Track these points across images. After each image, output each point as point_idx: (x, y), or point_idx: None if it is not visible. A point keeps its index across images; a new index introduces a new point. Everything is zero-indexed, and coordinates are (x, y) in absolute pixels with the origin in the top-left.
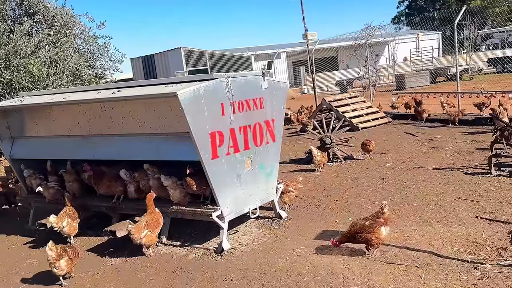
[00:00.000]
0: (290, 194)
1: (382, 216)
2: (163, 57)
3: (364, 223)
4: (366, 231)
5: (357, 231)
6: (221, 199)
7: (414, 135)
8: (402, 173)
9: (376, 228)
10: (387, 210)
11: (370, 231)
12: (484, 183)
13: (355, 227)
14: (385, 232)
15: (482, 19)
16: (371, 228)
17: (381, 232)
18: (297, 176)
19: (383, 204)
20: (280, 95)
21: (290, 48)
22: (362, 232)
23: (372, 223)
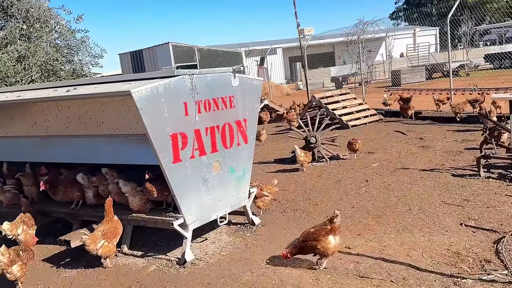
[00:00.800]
0: (264, 198)
1: (330, 224)
2: (152, 52)
3: (309, 230)
4: (311, 238)
5: (303, 239)
6: (184, 206)
7: (404, 133)
8: (388, 174)
9: (322, 236)
10: (338, 220)
11: (315, 238)
12: (471, 186)
13: (303, 235)
14: (334, 242)
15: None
16: (316, 235)
17: (328, 240)
18: (272, 179)
19: (335, 214)
20: (253, 93)
21: (287, 44)
22: (308, 240)
23: (317, 230)
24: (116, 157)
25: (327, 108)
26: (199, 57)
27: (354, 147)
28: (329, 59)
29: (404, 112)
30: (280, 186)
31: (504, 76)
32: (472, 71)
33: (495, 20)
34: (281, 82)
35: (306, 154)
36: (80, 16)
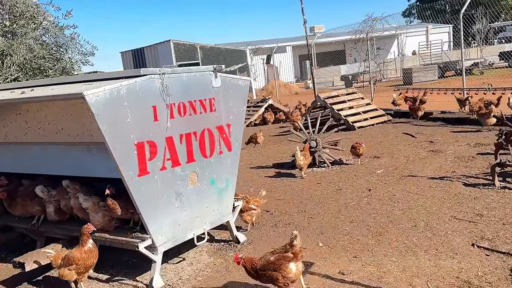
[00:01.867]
0: (251, 212)
1: (291, 249)
2: (153, 50)
3: (269, 258)
4: (271, 268)
5: (261, 267)
6: (153, 225)
7: (414, 136)
8: (393, 182)
9: (283, 265)
10: (297, 242)
11: (276, 268)
12: (485, 197)
13: (260, 263)
14: (295, 269)
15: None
16: (277, 264)
17: (289, 269)
18: (259, 190)
19: (293, 235)
20: (238, 95)
21: (296, 41)
22: (266, 270)
23: (278, 259)
24: (77, 168)
25: (332, 109)
26: (201, 55)
27: (358, 151)
28: (339, 57)
29: (414, 113)
30: (275, 194)
31: None
32: (486, 69)
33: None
34: (290, 80)
35: (306, 157)
36: (69, 12)
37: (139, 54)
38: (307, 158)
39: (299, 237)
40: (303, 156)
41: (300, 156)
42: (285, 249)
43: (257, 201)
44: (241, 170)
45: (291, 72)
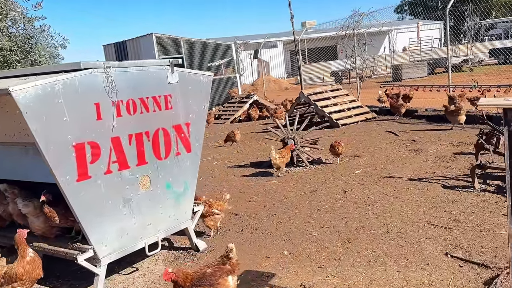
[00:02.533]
0: (214, 217)
1: (228, 261)
2: (135, 43)
3: (205, 271)
4: (207, 282)
5: (195, 283)
6: (95, 234)
7: (396, 134)
8: (370, 184)
9: (221, 278)
10: (233, 255)
11: (213, 281)
12: (464, 201)
13: (194, 276)
14: (233, 283)
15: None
16: (215, 277)
17: (228, 283)
18: (223, 194)
19: (229, 248)
20: (199, 91)
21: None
22: (202, 285)
23: (215, 271)
24: (15, 171)
25: (316, 105)
26: (185, 49)
27: (337, 150)
28: (331, 53)
29: (396, 111)
30: (247, 196)
31: (509, 72)
32: (475, 66)
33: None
34: (281, 76)
35: (283, 155)
36: (39, 3)
37: (121, 47)
38: (284, 156)
39: (234, 250)
40: (278, 155)
41: (275, 155)
42: (222, 261)
43: (221, 205)
44: (218, 169)
45: (282, 67)
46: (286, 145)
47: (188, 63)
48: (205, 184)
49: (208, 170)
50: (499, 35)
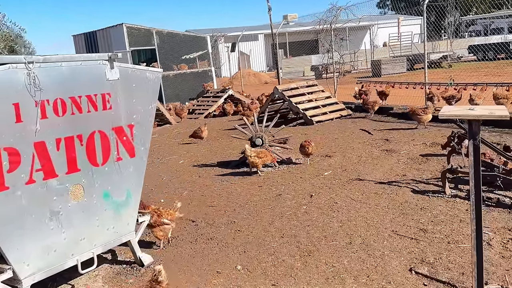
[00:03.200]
0: (164, 227)
1: (157, 286)
2: (106, 34)
3: None
4: None
5: None
6: (15, 252)
7: (370, 133)
8: (338, 187)
9: None
10: (163, 278)
11: None
12: (433, 208)
13: None
14: None
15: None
16: None
17: None
18: (174, 202)
19: (157, 271)
20: (146, 90)
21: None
22: None
23: None
24: None
25: (290, 102)
26: (158, 41)
27: (307, 150)
28: (312, 47)
29: (368, 108)
30: (209, 200)
31: (487, 68)
32: (454, 62)
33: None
34: (262, 69)
35: (260, 155)
36: None
37: (91, 37)
38: (261, 158)
39: (163, 272)
40: (255, 153)
41: (250, 153)
42: (151, 286)
43: (171, 214)
44: (183, 168)
45: (263, 60)
46: (253, 145)
47: (161, 55)
48: (167, 186)
49: (173, 170)
50: (479, 31)
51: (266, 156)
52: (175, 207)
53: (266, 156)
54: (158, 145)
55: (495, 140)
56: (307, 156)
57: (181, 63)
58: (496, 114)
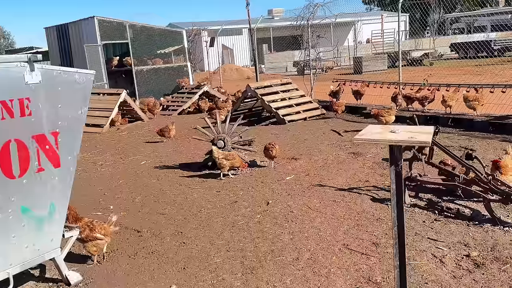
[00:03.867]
0: (97, 242)
1: None
2: (77, 27)
3: None
4: None
5: None
6: None
7: (340, 134)
8: (298, 194)
9: None
10: None
11: None
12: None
13: None
14: None
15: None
16: None
17: None
18: (110, 216)
19: None
20: (74, 94)
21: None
22: None
23: None
24: None
25: (262, 100)
26: (131, 34)
27: (271, 153)
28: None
29: (333, 110)
30: (160, 207)
31: (467, 67)
32: (436, 60)
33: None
34: (246, 64)
35: (229, 157)
36: None
37: (63, 30)
38: (229, 160)
39: None
40: (223, 155)
41: (218, 155)
42: None
43: (105, 229)
44: (143, 170)
45: (247, 55)
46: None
47: (135, 49)
48: (122, 189)
49: (133, 171)
50: (462, 29)
51: (234, 159)
52: (109, 221)
53: (235, 159)
54: (124, 143)
55: (463, 144)
56: (272, 159)
57: (156, 58)
58: (416, 140)
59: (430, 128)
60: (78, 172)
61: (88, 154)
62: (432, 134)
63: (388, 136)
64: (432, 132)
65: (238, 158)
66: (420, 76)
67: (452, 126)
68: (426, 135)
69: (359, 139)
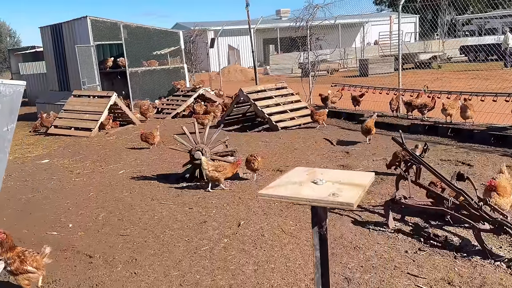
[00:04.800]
0: (28, 276)
1: None
2: (70, 27)
3: None
4: None
5: None
6: None
7: (332, 143)
8: (274, 213)
9: None
10: None
11: None
12: (369, 247)
13: None
14: None
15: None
16: None
17: None
18: (43, 247)
19: None
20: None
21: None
22: None
23: None
24: None
25: (255, 105)
26: (125, 35)
27: (253, 166)
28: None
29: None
30: (124, 226)
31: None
32: (444, 63)
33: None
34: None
35: (219, 168)
36: None
37: (57, 30)
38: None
39: None
40: (212, 166)
41: (208, 166)
42: None
43: (37, 261)
44: (118, 181)
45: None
46: (193, 159)
47: (129, 50)
48: (88, 204)
49: (106, 183)
50: (473, 31)
51: (225, 169)
52: (43, 253)
53: (226, 169)
54: (108, 149)
55: (461, 158)
56: (254, 172)
57: (151, 59)
58: (337, 201)
59: (368, 176)
60: (50, 182)
61: (68, 161)
62: (367, 185)
63: (303, 192)
64: (366, 184)
65: (229, 168)
66: (426, 80)
67: (452, 136)
68: (355, 191)
69: (265, 194)
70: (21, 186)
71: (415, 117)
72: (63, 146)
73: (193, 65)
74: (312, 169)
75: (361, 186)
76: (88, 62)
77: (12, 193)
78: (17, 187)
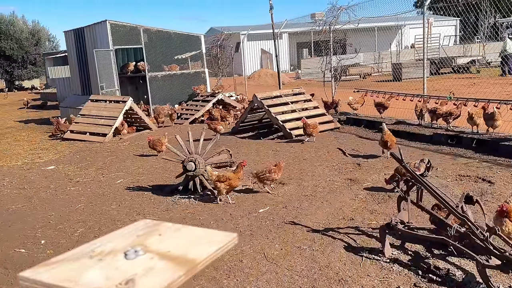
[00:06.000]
0: None
1: None
2: (91, 31)
3: None
4: None
5: None
6: None
7: (346, 154)
8: (262, 234)
9: None
10: None
11: None
12: (357, 280)
13: None
14: None
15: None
16: None
17: None
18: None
19: None
20: None
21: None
22: None
23: None
24: None
25: (268, 112)
26: (146, 39)
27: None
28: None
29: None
30: None
31: None
32: (483, 67)
33: None
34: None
35: (222, 178)
36: None
37: (80, 34)
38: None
39: None
40: (216, 177)
41: (212, 177)
42: None
43: None
44: (113, 191)
45: (287, 60)
46: (185, 170)
47: (149, 54)
48: (69, 218)
49: (100, 193)
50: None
51: (230, 179)
52: None
53: (230, 179)
54: (115, 156)
55: (482, 174)
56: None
57: (172, 64)
58: None
59: (220, 244)
60: (46, 190)
61: (73, 168)
62: (202, 261)
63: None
64: (201, 260)
65: (234, 177)
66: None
67: (476, 148)
68: (169, 274)
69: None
70: (15, 194)
71: (440, 125)
72: (74, 151)
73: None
74: (158, 224)
75: (189, 264)
76: (107, 66)
77: (3, 202)
78: (11, 195)
